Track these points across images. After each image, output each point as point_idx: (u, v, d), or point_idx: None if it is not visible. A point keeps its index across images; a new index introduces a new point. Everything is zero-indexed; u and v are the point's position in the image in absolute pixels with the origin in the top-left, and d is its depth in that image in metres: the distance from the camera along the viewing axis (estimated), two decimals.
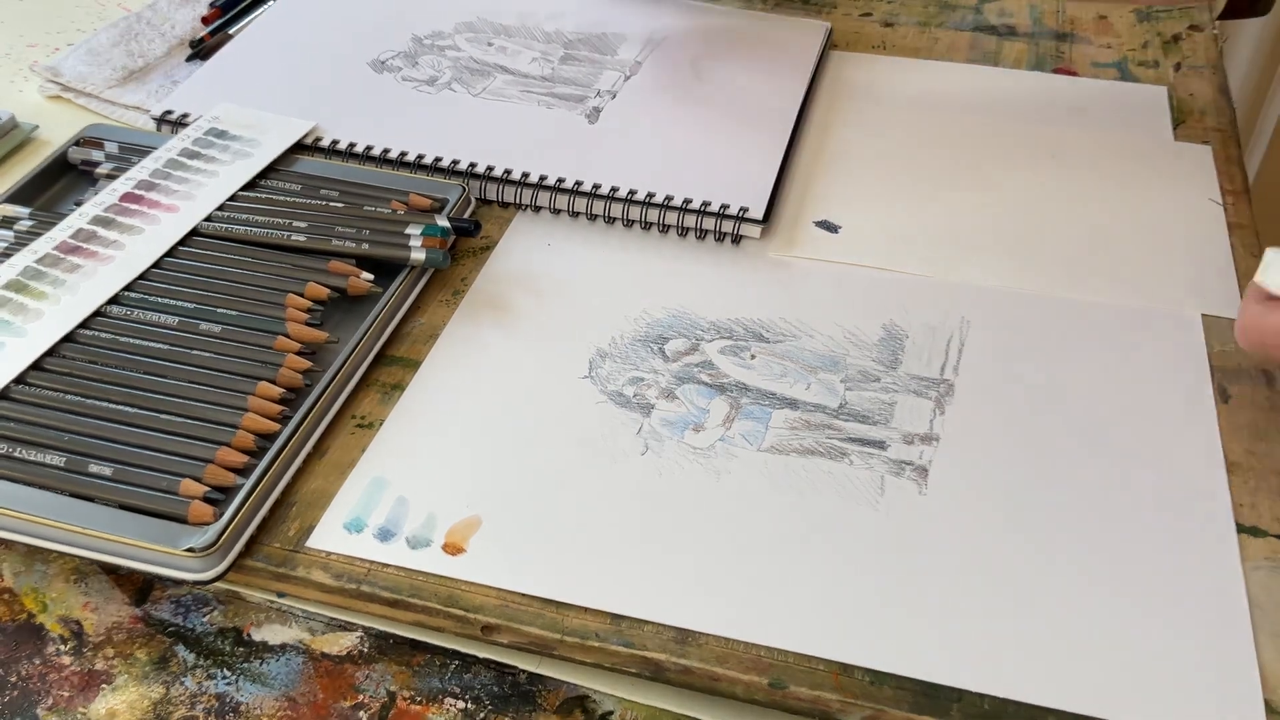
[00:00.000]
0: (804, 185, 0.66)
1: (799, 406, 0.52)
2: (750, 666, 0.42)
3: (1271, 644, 0.43)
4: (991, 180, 0.66)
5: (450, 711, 0.43)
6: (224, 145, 0.64)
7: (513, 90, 0.71)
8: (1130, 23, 0.81)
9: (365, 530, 0.46)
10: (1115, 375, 0.54)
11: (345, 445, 0.50)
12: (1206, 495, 0.48)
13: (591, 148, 0.66)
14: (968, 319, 0.57)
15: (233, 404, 0.49)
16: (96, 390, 0.50)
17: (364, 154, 0.65)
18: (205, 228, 0.58)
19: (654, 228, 0.63)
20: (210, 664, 0.44)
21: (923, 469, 0.49)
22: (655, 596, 0.44)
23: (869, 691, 0.41)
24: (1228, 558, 0.46)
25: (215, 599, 0.46)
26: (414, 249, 0.57)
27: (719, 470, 0.49)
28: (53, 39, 0.78)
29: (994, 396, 0.53)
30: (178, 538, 0.44)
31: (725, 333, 0.56)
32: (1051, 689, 0.41)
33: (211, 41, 0.75)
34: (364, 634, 0.45)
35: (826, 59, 0.76)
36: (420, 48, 0.74)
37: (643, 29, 0.77)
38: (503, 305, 0.58)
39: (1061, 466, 0.50)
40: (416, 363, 0.54)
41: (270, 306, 0.54)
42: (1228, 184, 0.66)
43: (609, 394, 0.53)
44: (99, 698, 0.43)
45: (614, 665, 0.43)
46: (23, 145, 0.69)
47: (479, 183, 0.64)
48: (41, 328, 0.52)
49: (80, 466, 0.46)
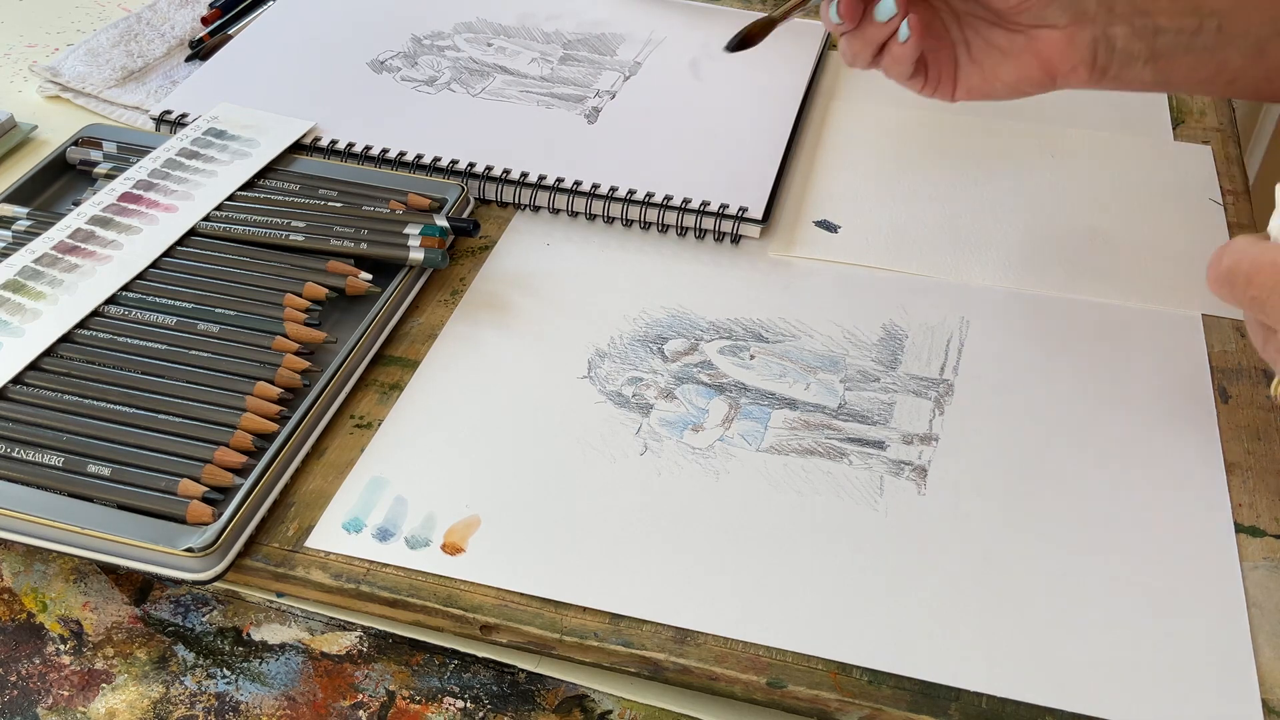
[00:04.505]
0: (803, 185, 0.66)
1: (798, 406, 0.52)
2: (749, 666, 0.42)
3: (1270, 644, 0.43)
4: (991, 180, 0.66)
5: (449, 711, 0.43)
6: (222, 145, 0.64)
7: (512, 90, 0.71)
8: None
9: (364, 530, 0.46)
10: (1115, 375, 0.54)
11: (344, 445, 0.50)
12: (1206, 495, 0.48)
13: (591, 148, 0.66)
14: (968, 319, 0.57)
15: (231, 404, 0.49)
16: (95, 390, 0.50)
17: (363, 154, 0.65)
18: (203, 228, 0.58)
19: (653, 227, 0.63)
20: (210, 663, 0.44)
21: (922, 469, 0.49)
22: (654, 596, 0.44)
23: (867, 691, 0.41)
24: (1226, 558, 0.46)
25: (214, 599, 0.46)
26: (412, 249, 0.57)
27: (718, 470, 0.49)
28: (53, 39, 0.78)
29: (994, 396, 0.53)
30: (176, 538, 0.44)
31: (724, 333, 0.56)
32: (1049, 688, 0.41)
33: (211, 42, 0.75)
34: (363, 633, 0.45)
35: (826, 59, 0.76)
36: (420, 48, 0.74)
37: (642, 29, 0.77)
38: (501, 305, 0.58)
39: (1060, 467, 0.49)
40: (415, 363, 0.54)
41: (268, 306, 0.54)
42: (1228, 184, 0.66)
43: (608, 394, 0.53)
44: (99, 697, 0.43)
45: (613, 665, 0.43)
46: (21, 145, 0.69)
47: (478, 182, 0.64)
48: (39, 328, 0.52)
49: (79, 467, 0.46)
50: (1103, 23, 0.54)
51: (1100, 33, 0.54)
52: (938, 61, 0.57)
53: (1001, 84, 0.56)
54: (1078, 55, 0.54)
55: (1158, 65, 0.55)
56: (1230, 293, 0.43)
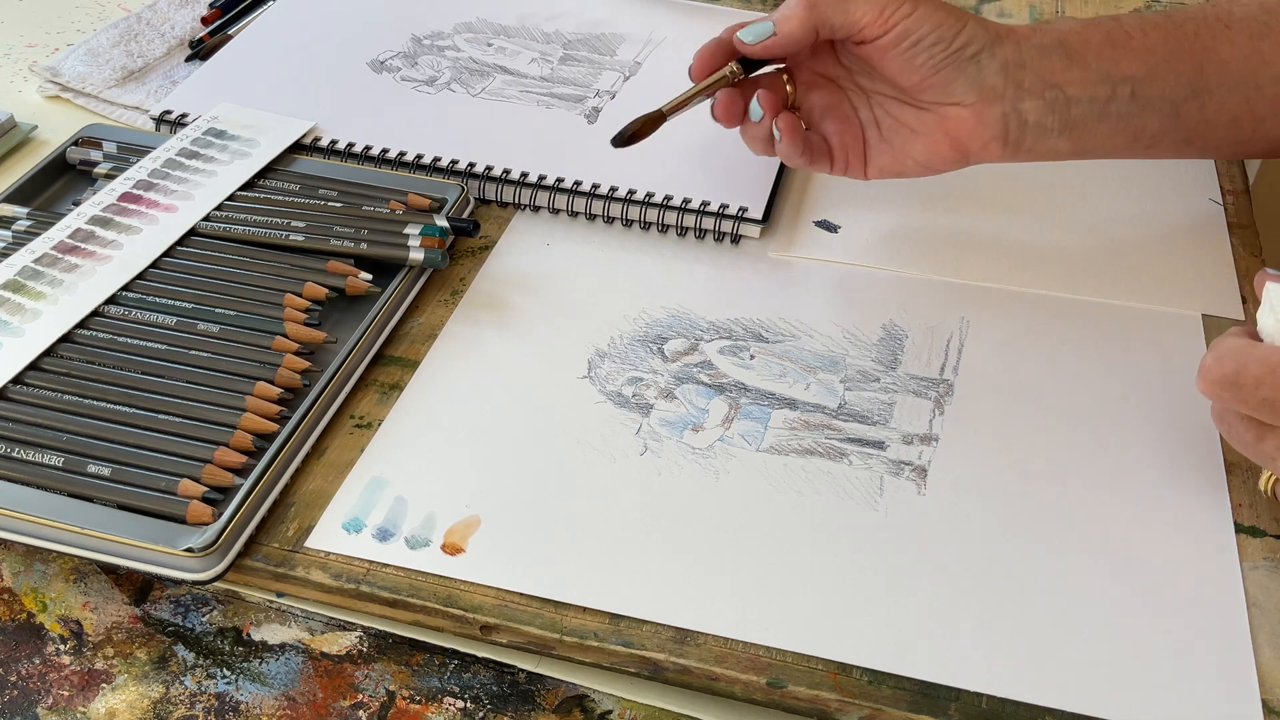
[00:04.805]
0: (803, 185, 0.66)
1: (798, 407, 0.52)
2: (749, 666, 0.42)
3: (1270, 644, 0.43)
4: (991, 180, 0.66)
5: (449, 711, 0.43)
6: (222, 145, 0.64)
7: (512, 90, 0.71)
8: None
9: (364, 530, 0.46)
10: (1115, 375, 0.54)
11: (344, 445, 0.50)
12: (1206, 495, 0.48)
13: (591, 148, 0.66)
14: (968, 319, 0.57)
15: (231, 404, 0.49)
16: (94, 390, 0.50)
17: (363, 154, 0.65)
18: (203, 228, 0.58)
19: (653, 227, 0.63)
20: (210, 663, 0.44)
21: (922, 469, 0.49)
22: (654, 596, 0.44)
23: (867, 691, 0.41)
24: (1227, 558, 0.46)
25: (214, 599, 0.46)
26: (412, 249, 0.57)
27: (718, 470, 0.49)
28: (53, 39, 0.78)
29: (994, 397, 0.53)
30: (176, 538, 0.44)
31: (724, 333, 0.56)
32: (1049, 688, 0.41)
33: (211, 42, 0.75)
34: (363, 633, 0.45)
35: None
36: (419, 48, 0.74)
37: (642, 29, 0.77)
38: (501, 305, 0.58)
39: (1060, 467, 0.49)
40: (415, 363, 0.54)
41: (268, 306, 0.54)
42: (1228, 184, 0.66)
43: (608, 394, 0.53)
44: (99, 697, 0.43)
45: (613, 665, 0.43)
46: (21, 145, 0.69)
47: (478, 182, 0.64)
48: (39, 328, 0.52)
49: (79, 467, 0.46)
50: (1012, 98, 0.54)
51: (1010, 108, 0.54)
52: (845, 143, 0.57)
53: (914, 162, 0.57)
54: (989, 132, 0.55)
55: (1073, 135, 0.55)
56: (1236, 396, 0.43)
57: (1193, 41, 0.55)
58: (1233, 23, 0.55)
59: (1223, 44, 0.55)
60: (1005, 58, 0.53)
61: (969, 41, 0.52)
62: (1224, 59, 0.55)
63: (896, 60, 0.53)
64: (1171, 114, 0.55)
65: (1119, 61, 0.54)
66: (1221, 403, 0.44)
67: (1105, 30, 0.54)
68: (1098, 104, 0.54)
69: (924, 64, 0.53)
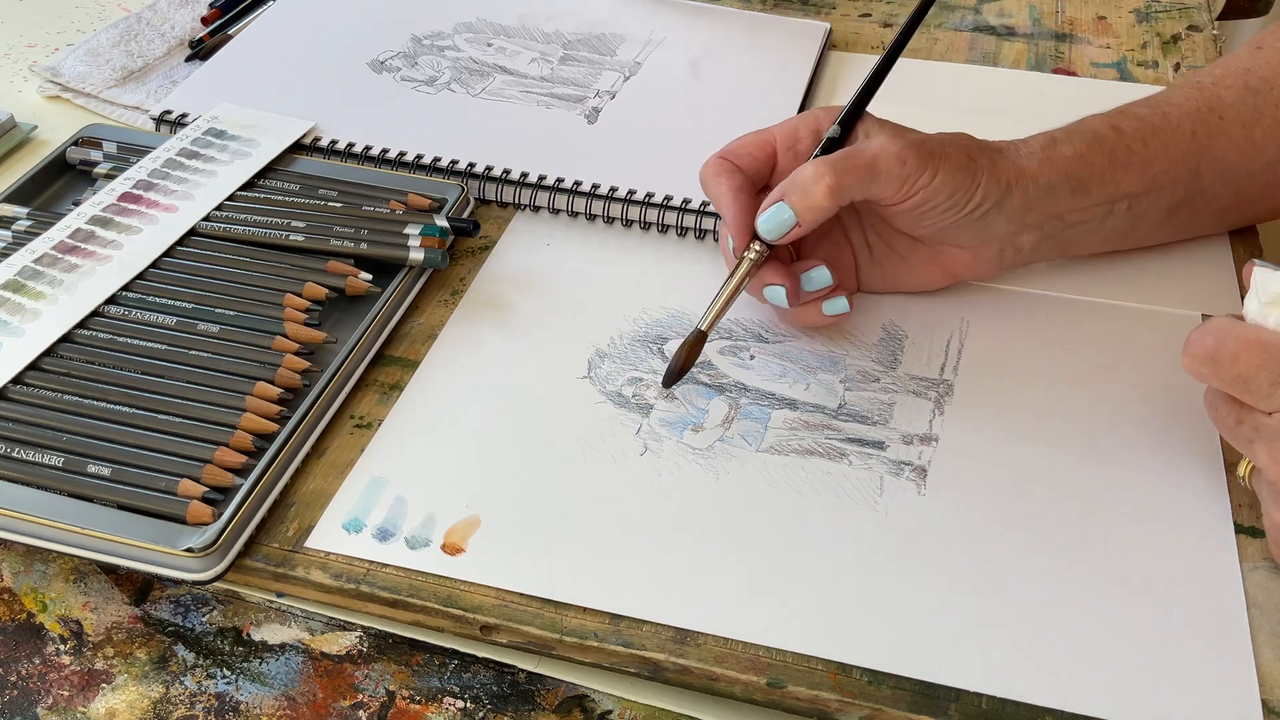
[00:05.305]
0: None
1: (798, 407, 0.52)
2: (749, 666, 0.42)
3: (1269, 644, 0.43)
4: None
5: (449, 711, 0.43)
6: (222, 145, 0.64)
7: (512, 90, 0.71)
8: (1129, 23, 0.81)
9: (364, 530, 0.46)
10: (1115, 375, 0.54)
11: (344, 445, 0.50)
12: (1206, 495, 0.48)
13: (591, 148, 0.66)
14: (968, 319, 0.57)
15: (231, 404, 0.49)
16: (94, 390, 0.50)
17: (362, 154, 0.65)
18: (203, 228, 0.58)
19: (653, 228, 0.63)
20: (210, 663, 0.44)
21: (922, 469, 0.49)
22: (654, 596, 0.44)
23: (867, 691, 0.41)
24: (1226, 558, 0.46)
25: (214, 599, 0.46)
26: (412, 249, 0.57)
27: (718, 470, 0.49)
28: (53, 39, 0.78)
29: (994, 396, 0.53)
30: (176, 538, 0.44)
31: (724, 333, 0.56)
32: (1049, 688, 0.41)
33: (211, 42, 0.75)
34: (363, 634, 0.45)
35: (826, 59, 0.76)
36: (419, 48, 0.74)
37: (642, 29, 0.77)
38: (501, 305, 0.58)
39: (1060, 467, 0.49)
40: (415, 363, 0.54)
41: (268, 306, 0.54)
42: None
43: (608, 394, 0.53)
44: (99, 697, 0.43)
45: (613, 665, 0.43)
46: (21, 145, 0.69)
47: (478, 182, 0.64)
48: (39, 328, 0.52)
49: (79, 467, 0.46)
50: (1012, 236, 0.54)
51: (1008, 244, 0.55)
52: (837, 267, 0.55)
53: (904, 285, 0.57)
54: (982, 266, 0.56)
55: (1064, 249, 0.56)
56: (1214, 370, 0.43)
57: (1189, 143, 0.54)
58: (1225, 111, 0.55)
59: (1218, 139, 0.55)
60: (1013, 208, 0.53)
61: (981, 202, 0.52)
62: (1219, 155, 0.55)
63: (906, 218, 0.53)
64: (1164, 219, 0.56)
65: (1120, 182, 0.54)
66: (1201, 379, 0.44)
67: (1109, 150, 0.54)
68: (1094, 223, 0.55)
69: (933, 224, 0.53)
